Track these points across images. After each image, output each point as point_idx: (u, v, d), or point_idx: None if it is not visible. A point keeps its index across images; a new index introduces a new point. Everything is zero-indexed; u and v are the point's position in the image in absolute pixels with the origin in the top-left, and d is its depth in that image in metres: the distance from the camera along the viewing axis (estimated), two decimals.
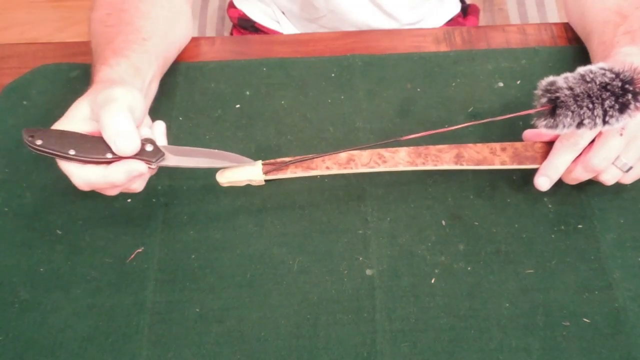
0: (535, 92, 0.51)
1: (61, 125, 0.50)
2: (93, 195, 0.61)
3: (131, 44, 0.59)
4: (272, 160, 0.55)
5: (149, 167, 0.50)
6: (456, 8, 0.94)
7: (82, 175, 0.49)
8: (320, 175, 0.61)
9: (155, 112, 0.66)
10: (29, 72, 0.70)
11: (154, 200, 0.60)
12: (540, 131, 0.51)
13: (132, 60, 0.57)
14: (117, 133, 0.48)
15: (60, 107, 0.67)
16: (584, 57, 0.67)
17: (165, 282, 0.56)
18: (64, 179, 0.61)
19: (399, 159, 0.55)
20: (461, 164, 0.55)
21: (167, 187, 0.61)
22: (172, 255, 0.57)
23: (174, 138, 0.64)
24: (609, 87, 0.47)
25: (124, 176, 0.49)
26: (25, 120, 0.66)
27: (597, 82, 0.48)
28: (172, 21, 0.66)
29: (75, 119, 0.50)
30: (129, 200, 0.60)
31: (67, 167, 0.50)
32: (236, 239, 0.58)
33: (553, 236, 0.57)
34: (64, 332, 0.53)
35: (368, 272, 0.56)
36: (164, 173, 0.62)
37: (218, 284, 0.56)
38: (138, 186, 0.52)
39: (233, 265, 0.57)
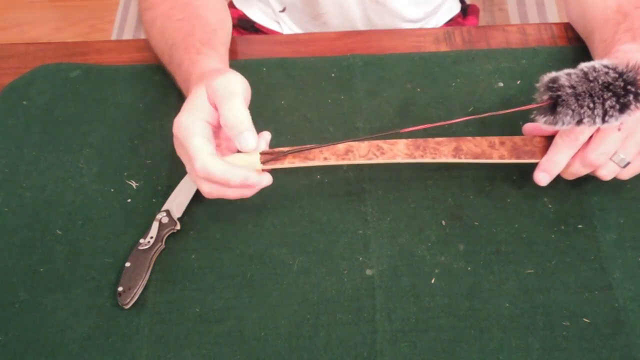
0: (537, 85, 0.50)
1: (190, 114, 0.52)
2: (93, 195, 0.61)
3: (210, 34, 0.62)
4: (269, 150, 0.54)
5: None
6: (456, 8, 0.94)
7: (207, 160, 0.49)
8: (320, 175, 0.61)
9: (155, 112, 0.67)
10: (29, 72, 0.70)
11: (153, 200, 0.60)
12: (540, 125, 0.51)
13: (218, 51, 0.60)
14: (240, 132, 0.50)
15: (60, 107, 0.67)
16: (584, 57, 0.67)
17: (165, 282, 0.56)
18: (64, 179, 0.62)
19: (398, 151, 0.55)
20: (459, 157, 0.55)
21: (167, 187, 0.61)
22: (172, 255, 0.57)
23: (173, 138, 0.64)
24: (611, 87, 0.47)
25: (239, 179, 0.50)
26: (25, 120, 0.66)
27: (600, 82, 0.47)
28: (224, 10, 0.69)
29: (201, 107, 0.52)
30: (129, 200, 0.60)
31: (198, 150, 0.50)
32: (236, 239, 0.58)
33: (553, 236, 0.57)
34: (64, 332, 0.53)
35: (368, 272, 0.56)
36: (163, 174, 0.62)
37: (218, 284, 0.56)
38: (247, 193, 0.54)
39: (233, 265, 0.57)
